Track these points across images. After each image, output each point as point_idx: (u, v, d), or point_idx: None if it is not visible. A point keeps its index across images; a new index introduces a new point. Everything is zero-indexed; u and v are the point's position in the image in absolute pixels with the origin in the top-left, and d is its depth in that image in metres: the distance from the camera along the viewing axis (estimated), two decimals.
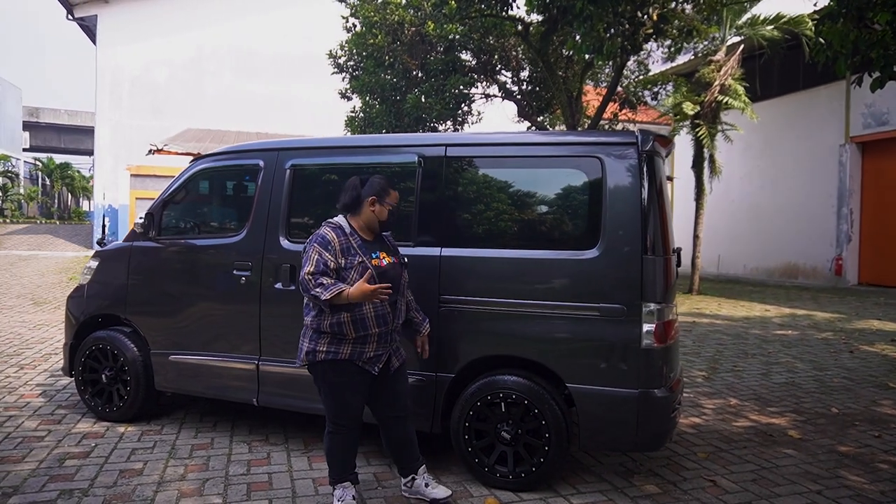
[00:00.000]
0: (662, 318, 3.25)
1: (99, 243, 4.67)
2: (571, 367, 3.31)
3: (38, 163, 40.60)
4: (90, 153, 50.03)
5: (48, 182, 41.07)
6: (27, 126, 40.36)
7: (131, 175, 20.78)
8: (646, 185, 3.29)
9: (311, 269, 2.92)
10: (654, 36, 8.04)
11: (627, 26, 7.13)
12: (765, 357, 7.09)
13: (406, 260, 3.28)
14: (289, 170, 3.94)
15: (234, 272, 3.97)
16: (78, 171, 42.31)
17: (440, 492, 3.22)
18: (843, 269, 14.77)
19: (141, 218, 4.20)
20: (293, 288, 3.81)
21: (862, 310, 10.99)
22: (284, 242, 3.88)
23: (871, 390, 5.71)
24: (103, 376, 4.33)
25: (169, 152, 14.26)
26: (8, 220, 31.08)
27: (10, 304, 10.02)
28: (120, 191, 21.31)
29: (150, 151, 14.04)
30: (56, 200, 42.42)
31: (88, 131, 46.36)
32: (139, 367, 4.24)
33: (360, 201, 3.11)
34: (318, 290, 2.86)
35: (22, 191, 35.76)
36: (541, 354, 3.37)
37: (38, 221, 33.38)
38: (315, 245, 2.99)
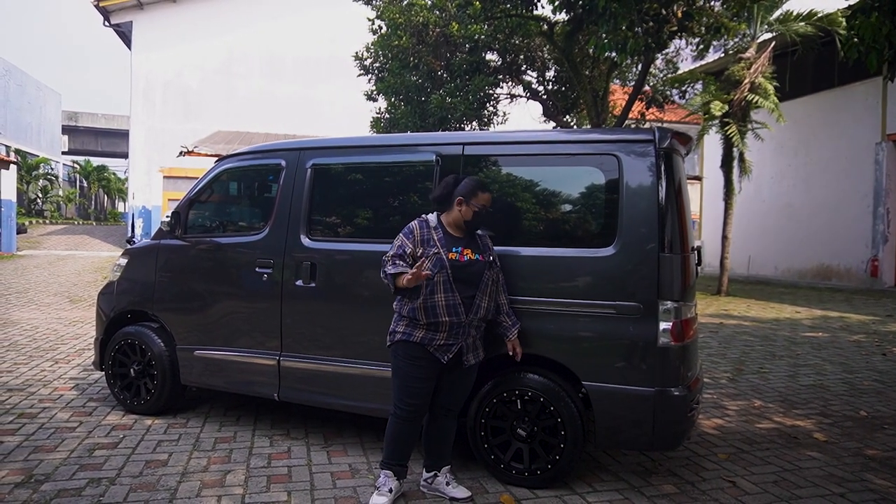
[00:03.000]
0: (680, 317, 3.23)
1: (128, 242, 4.81)
2: (588, 365, 3.31)
3: (76, 165, 41.82)
4: (126, 156, 51.35)
5: (85, 184, 42.26)
6: (66, 130, 41.59)
7: (164, 177, 21.27)
8: (663, 182, 3.28)
9: (391, 252, 3.17)
10: (679, 33, 7.94)
11: (651, 24, 7.06)
12: (792, 359, 6.95)
13: (496, 261, 3.28)
14: (310, 169, 4.01)
15: (257, 269, 4.06)
16: (114, 174, 43.45)
17: (460, 492, 3.25)
18: (878, 270, 14.34)
19: (168, 217, 4.32)
20: (314, 285, 3.88)
21: None
22: (305, 240, 3.95)
23: None
24: (132, 370, 4.47)
25: (199, 154, 14.59)
26: (47, 221, 32.07)
27: (48, 301, 10.36)
28: (153, 192, 21.85)
29: (181, 153, 14.40)
30: (93, 202, 43.63)
31: (124, 134, 47.47)
32: (166, 362, 4.36)
33: (451, 199, 3.21)
34: (389, 267, 3.12)
35: (61, 193, 36.87)
36: (557, 352, 3.37)
37: (76, 222, 34.39)
38: (401, 234, 3.21)
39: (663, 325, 3.18)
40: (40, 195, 34.18)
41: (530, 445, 3.39)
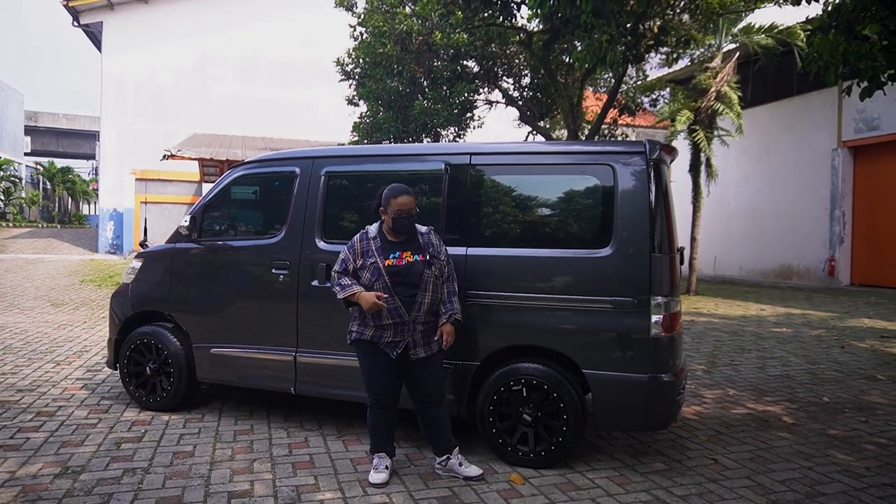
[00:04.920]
0: (669, 310, 3.60)
1: (141, 245, 4.99)
2: (587, 355, 3.66)
3: (39, 167, 40.81)
4: (88, 157, 50.13)
5: (49, 186, 41.26)
6: (27, 130, 40.59)
7: (136, 179, 21.07)
8: (653, 189, 3.66)
9: (337, 269, 3.54)
10: (655, 47, 8.41)
11: (629, 38, 7.50)
12: (760, 352, 7.46)
13: (438, 257, 3.54)
14: (323, 176, 4.28)
15: (273, 271, 4.30)
16: (78, 176, 42.53)
17: (472, 471, 3.56)
18: (835, 270, 15.16)
19: (186, 221, 4.52)
20: (329, 284, 4.14)
21: (854, 309, 11.37)
22: (320, 243, 4.21)
23: (860, 382, 6.08)
24: (147, 369, 4.66)
25: (182, 157, 14.56)
26: (10, 224, 31.25)
27: (29, 305, 10.31)
28: (125, 195, 21.60)
29: (164, 157, 14.36)
30: (57, 204, 42.60)
31: (87, 135, 46.52)
32: (182, 360, 4.57)
33: (377, 211, 3.56)
34: (336, 288, 3.49)
35: (24, 195, 35.95)
36: (559, 344, 3.71)
37: (40, 225, 33.58)
38: (345, 248, 3.55)
39: (655, 318, 3.55)
40: (2, 198, 33.29)
41: (535, 429, 3.72)
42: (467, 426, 4.05)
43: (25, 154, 39.35)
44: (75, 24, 21.77)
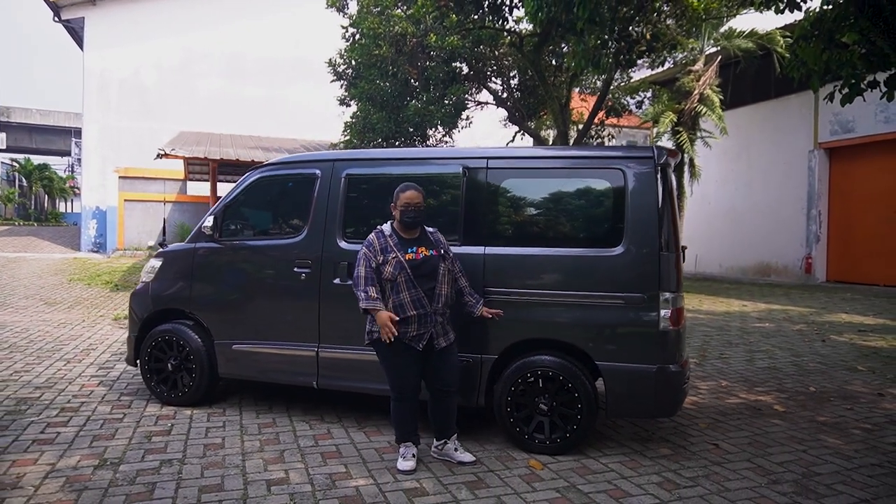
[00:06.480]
0: (676, 305, 3.86)
1: (160, 245, 5.11)
2: (600, 348, 3.90)
3: (15, 164, 40.02)
4: (63, 154, 49.20)
5: (25, 183, 40.49)
6: (0, 127, 39.75)
7: (119, 177, 20.90)
8: (660, 191, 3.91)
9: (361, 275, 3.65)
10: (646, 52, 8.72)
11: (622, 43, 7.77)
12: (747, 346, 7.80)
13: (446, 252, 3.78)
14: (344, 178, 4.45)
15: (295, 269, 4.47)
16: (55, 173, 41.78)
17: (466, 457, 3.80)
18: (812, 267, 15.69)
19: (208, 221, 4.65)
20: (350, 282, 4.31)
21: (831, 304, 11.83)
22: (341, 243, 4.39)
23: (842, 372, 6.43)
24: (169, 365, 4.79)
25: (176, 156, 14.53)
26: None
27: (23, 304, 10.27)
28: (108, 193, 21.39)
29: (158, 156, 14.32)
30: (33, 202, 41.82)
31: (62, 131, 45.63)
32: (203, 356, 4.71)
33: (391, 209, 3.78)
34: (361, 295, 3.61)
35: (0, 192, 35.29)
36: (573, 337, 3.95)
37: (17, 223, 32.99)
38: (364, 248, 3.72)
39: (663, 312, 3.80)
40: None
41: (550, 418, 3.95)
42: (481, 416, 4.26)
43: (1, 150, 38.58)
44: (56, 19, 21.47)
